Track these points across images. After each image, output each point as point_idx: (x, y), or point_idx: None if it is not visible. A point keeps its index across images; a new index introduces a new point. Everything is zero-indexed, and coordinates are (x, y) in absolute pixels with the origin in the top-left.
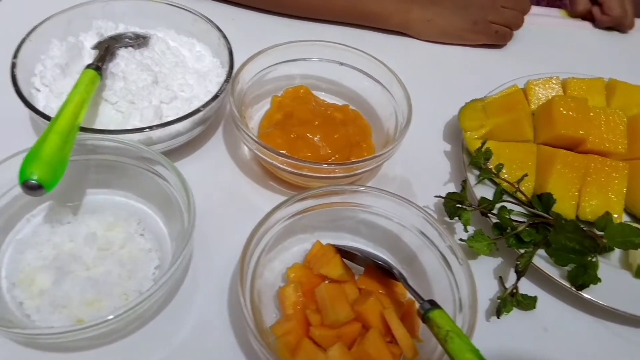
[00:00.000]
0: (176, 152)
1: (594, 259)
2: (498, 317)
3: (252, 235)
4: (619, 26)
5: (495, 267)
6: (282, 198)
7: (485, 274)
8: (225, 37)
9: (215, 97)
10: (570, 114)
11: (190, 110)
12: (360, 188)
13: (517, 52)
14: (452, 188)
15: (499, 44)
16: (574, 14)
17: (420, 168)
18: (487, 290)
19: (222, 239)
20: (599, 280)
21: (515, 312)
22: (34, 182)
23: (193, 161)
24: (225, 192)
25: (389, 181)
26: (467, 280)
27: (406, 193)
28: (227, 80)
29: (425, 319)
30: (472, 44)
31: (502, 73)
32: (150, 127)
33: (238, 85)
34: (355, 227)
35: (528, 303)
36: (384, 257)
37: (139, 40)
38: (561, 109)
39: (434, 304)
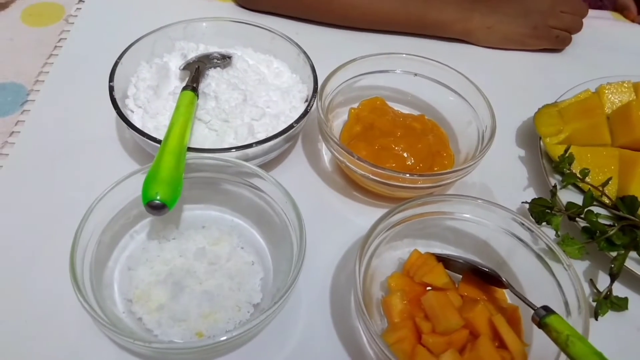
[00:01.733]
0: (264, 168)
1: None
2: (596, 319)
3: (364, 244)
4: None
5: (584, 270)
6: (368, 208)
7: None
8: (305, 52)
9: (306, 112)
10: None
11: (278, 126)
12: (452, 197)
13: (576, 55)
14: (531, 193)
15: (558, 48)
16: (629, 19)
17: (497, 174)
18: None
19: (317, 250)
20: None
21: (609, 313)
22: (158, 202)
23: (279, 175)
24: (313, 204)
25: (468, 188)
26: (574, 284)
27: (487, 199)
28: (314, 95)
29: (541, 324)
30: (532, 49)
31: (563, 77)
32: (250, 145)
33: (323, 99)
34: (442, 235)
35: (621, 304)
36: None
37: (225, 60)
38: (639, 113)
39: (548, 310)
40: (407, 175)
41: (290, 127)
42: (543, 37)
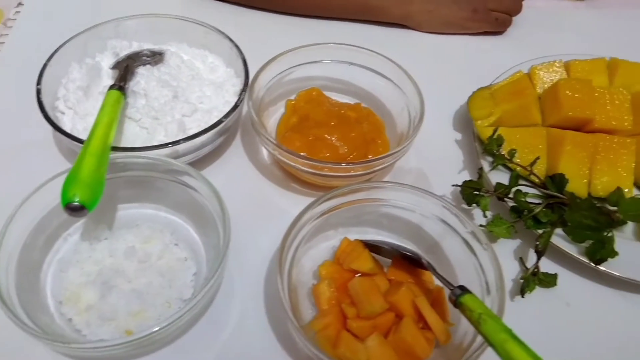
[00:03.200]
0: (199, 163)
1: (609, 234)
2: (522, 297)
3: (287, 236)
4: None
5: (515, 249)
6: (305, 198)
7: (506, 257)
8: (237, 47)
9: (235, 106)
10: (576, 95)
11: (211, 121)
12: (384, 184)
13: (517, 37)
14: (466, 176)
15: (499, 31)
16: None
17: (434, 159)
18: (509, 272)
19: (252, 242)
20: (616, 253)
21: (537, 290)
22: (76, 204)
23: (216, 169)
24: (250, 197)
25: (405, 174)
26: (492, 264)
27: (423, 184)
28: (244, 90)
29: (457, 304)
30: (473, 32)
31: (505, 59)
32: (178, 142)
33: (254, 93)
34: (377, 221)
35: (549, 281)
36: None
37: (156, 57)
38: (567, 92)
39: (464, 289)
40: (338, 164)
41: (220, 121)
42: (483, 20)
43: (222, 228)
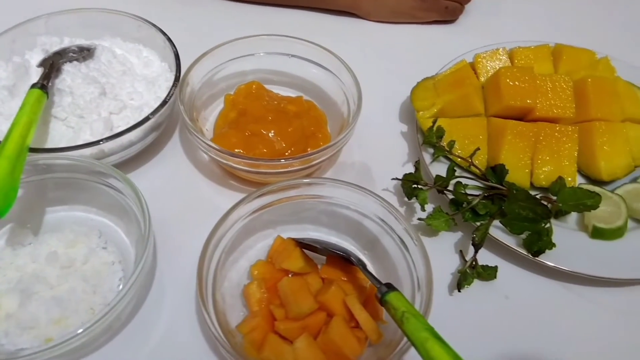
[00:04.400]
0: (133, 161)
1: (547, 225)
2: (459, 291)
3: (210, 239)
4: None
5: (456, 242)
6: (243, 196)
7: (448, 250)
8: (170, 40)
9: (164, 103)
10: (517, 84)
11: (140, 118)
12: (317, 180)
13: (469, 25)
14: (410, 169)
15: (450, 19)
16: None
17: (379, 152)
18: (450, 265)
19: (186, 243)
20: (553, 245)
21: (477, 283)
22: None
23: (151, 168)
24: (187, 196)
25: (348, 168)
26: (422, 259)
27: (366, 178)
28: (174, 85)
29: (382, 302)
30: (423, 22)
31: (455, 48)
32: (100, 141)
33: (188, 88)
34: (317, 218)
35: (489, 273)
36: (347, 244)
37: (84, 53)
38: (507, 80)
39: (390, 287)
40: (273, 160)
41: (147, 118)
42: (432, 9)
43: (144, 230)
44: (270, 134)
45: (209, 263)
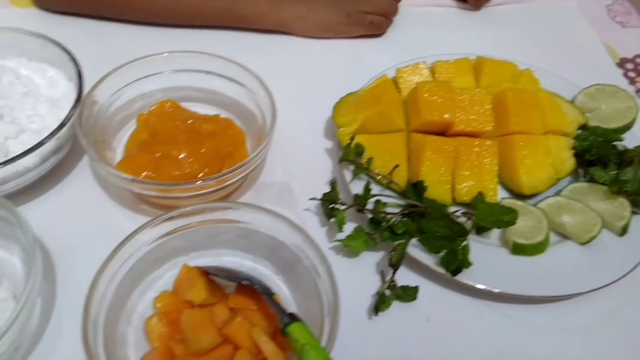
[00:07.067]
0: (34, 189)
1: (464, 243)
2: (376, 314)
3: (102, 269)
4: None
5: (378, 262)
6: None
7: (369, 271)
8: (74, 58)
9: (62, 125)
10: (435, 98)
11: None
12: (230, 205)
13: (396, 39)
14: None
15: (377, 34)
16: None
17: (302, 170)
18: (372, 286)
19: (89, 276)
20: (470, 264)
21: (398, 305)
22: None
23: (56, 194)
24: (95, 224)
25: (268, 188)
26: (330, 285)
27: (287, 198)
28: (75, 106)
29: (285, 333)
30: (350, 36)
31: (382, 63)
32: None
33: (95, 107)
34: (233, 242)
35: (409, 294)
36: (263, 268)
37: None
38: (425, 95)
39: (293, 317)
40: (180, 184)
41: (41, 143)
42: (357, 23)
43: (30, 263)
44: (181, 156)
45: (100, 298)
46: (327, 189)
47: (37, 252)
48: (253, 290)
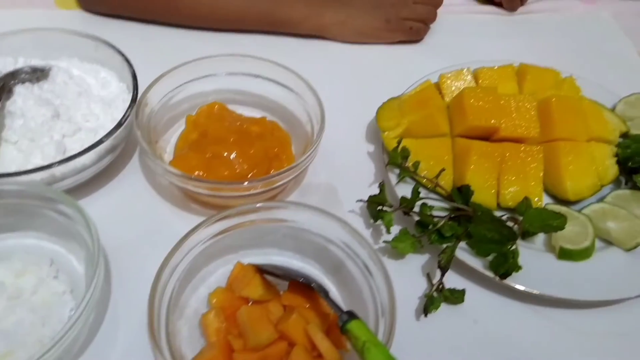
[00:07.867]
0: (88, 186)
1: (513, 247)
2: (425, 316)
3: (163, 266)
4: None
5: (424, 264)
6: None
7: (415, 273)
8: (127, 60)
9: (119, 124)
10: (481, 104)
11: (95, 141)
12: (279, 204)
13: (434, 45)
14: (377, 190)
15: (415, 40)
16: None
17: (345, 173)
18: (418, 288)
19: (143, 271)
20: (520, 267)
21: (445, 307)
22: None
23: (108, 192)
24: (146, 221)
25: (314, 190)
26: (385, 285)
27: (332, 200)
28: (130, 106)
29: (343, 330)
30: (388, 42)
31: (421, 68)
32: (50, 165)
33: (147, 109)
34: (280, 242)
35: (456, 297)
36: (311, 268)
37: (37, 74)
38: (471, 100)
39: (351, 315)
40: (233, 183)
41: (100, 141)
42: (397, 29)
43: (94, 258)
44: (231, 156)
45: (162, 292)
46: (370, 192)
47: (100, 259)
48: (305, 288)
